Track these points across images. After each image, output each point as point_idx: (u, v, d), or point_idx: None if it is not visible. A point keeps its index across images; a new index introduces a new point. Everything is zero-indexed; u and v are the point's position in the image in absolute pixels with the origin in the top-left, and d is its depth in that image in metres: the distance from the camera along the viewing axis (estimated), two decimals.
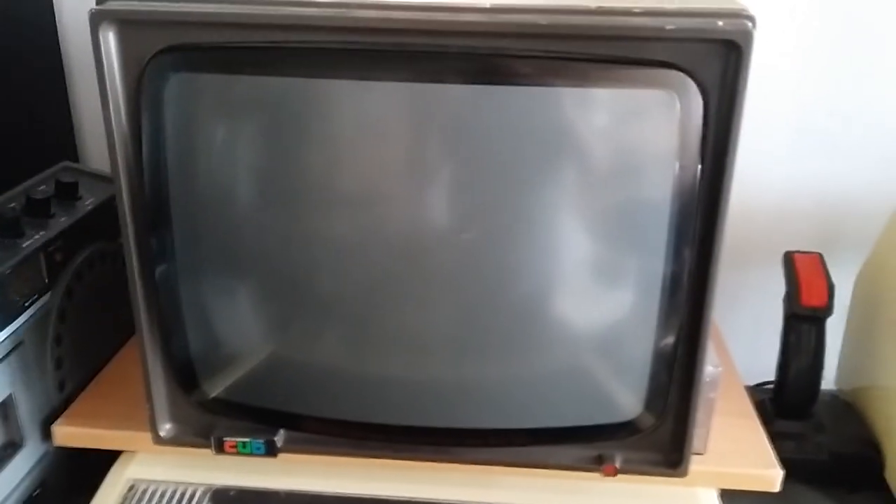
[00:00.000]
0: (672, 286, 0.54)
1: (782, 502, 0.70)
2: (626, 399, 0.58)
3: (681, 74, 0.49)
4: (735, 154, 0.51)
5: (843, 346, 0.82)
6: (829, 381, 0.82)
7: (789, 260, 0.75)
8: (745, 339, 0.80)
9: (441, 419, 0.60)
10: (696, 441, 0.60)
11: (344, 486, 0.63)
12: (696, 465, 0.60)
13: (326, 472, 0.63)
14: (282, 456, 0.61)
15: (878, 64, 0.86)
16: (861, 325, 0.80)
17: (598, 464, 0.59)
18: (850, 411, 0.79)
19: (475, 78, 0.50)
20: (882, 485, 0.72)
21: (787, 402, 0.75)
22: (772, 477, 0.62)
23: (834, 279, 0.75)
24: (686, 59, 0.49)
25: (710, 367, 0.59)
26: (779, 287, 0.75)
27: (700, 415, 0.58)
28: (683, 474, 0.59)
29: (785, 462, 0.70)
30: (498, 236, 0.54)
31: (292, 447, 0.61)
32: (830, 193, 0.91)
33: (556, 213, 0.54)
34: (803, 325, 0.73)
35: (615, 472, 0.59)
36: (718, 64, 0.49)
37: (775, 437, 0.72)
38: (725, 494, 0.65)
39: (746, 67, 0.48)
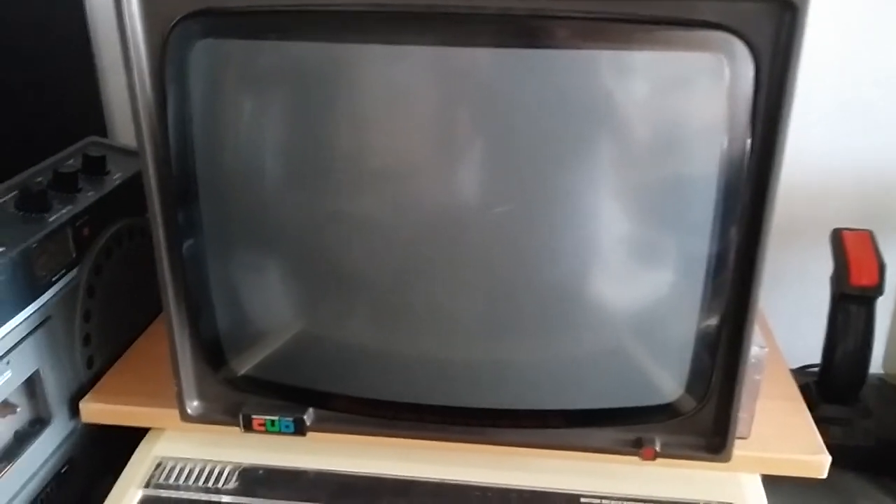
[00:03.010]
0: (717, 266, 0.53)
1: (827, 489, 0.69)
2: (667, 381, 0.57)
3: (731, 36, 0.47)
4: (788, 125, 0.49)
5: (892, 328, 0.80)
6: (876, 364, 0.79)
7: (838, 238, 0.73)
8: (787, 320, 0.78)
9: (474, 399, 0.59)
10: (740, 425, 0.58)
11: (374, 467, 0.63)
12: (739, 449, 0.59)
13: (356, 453, 0.63)
14: (311, 435, 0.61)
15: None
16: None
17: (636, 447, 0.58)
18: None
19: (510, 41, 0.49)
20: None
21: (834, 386, 0.74)
22: (819, 463, 0.60)
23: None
24: (737, 19, 0.47)
25: (756, 347, 0.57)
26: (823, 267, 0.73)
27: (744, 398, 0.57)
28: (727, 459, 0.58)
29: (830, 448, 0.68)
30: (533, 211, 0.53)
31: (321, 426, 0.61)
32: (876, 169, 0.89)
33: (595, 187, 0.52)
34: (852, 305, 0.72)
35: (654, 456, 0.58)
36: (772, 25, 0.47)
37: (820, 422, 0.71)
38: (767, 482, 0.64)
39: (802, 29, 0.46)
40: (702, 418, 0.58)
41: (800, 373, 0.77)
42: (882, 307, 0.75)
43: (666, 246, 0.54)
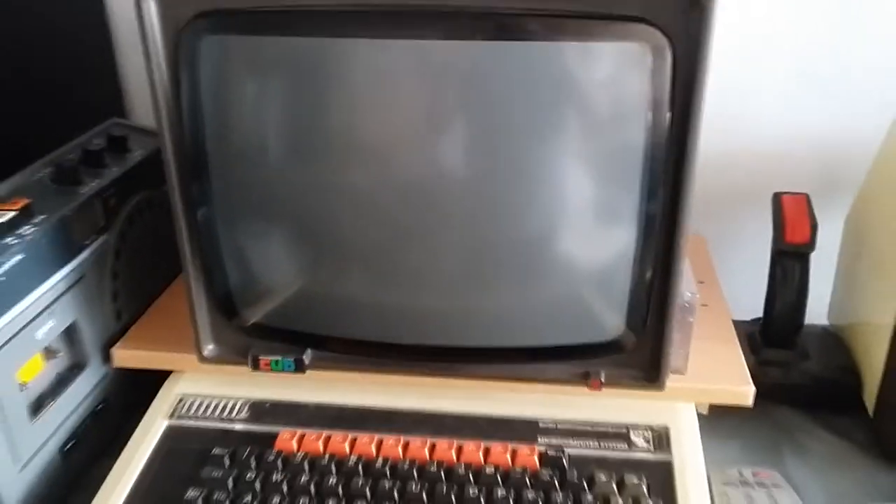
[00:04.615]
0: (648, 222, 0.57)
1: (767, 423, 0.75)
2: (611, 321, 0.61)
3: (651, 28, 0.52)
4: (702, 101, 0.53)
5: (836, 283, 0.85)
6: (822, 316, 0.85)
7: (777, 200, 0.77)
8: (743, 276, 0.83)
9: (448, 339, 0.63)
10: (677, 361, 0.64)
11: (364, 399, 0.67)
12: (676, 382, 0.63)
13: (349, 387, 0.67)
14: (310, 372, 0.65)
15: (877, 6, 0.85)
16: (848, 263, 0.82)
17: (585, 379, 0.63)
18: (837, 344, 0.82)
19: (478, 35, 0.53)
20: (861, 406, 0.75)
21: (774, 332, 0.79)
22: (744, 393, 0.64)
23: (831, 221, 0.77)
24: (656, 13, 0.51)
25: (688, 293, 0.62)
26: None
27: (678, 336, 0.62)
28: (661, 388, 0.63)
29: (771, 387, 0.74)
30: (499, 180, 0.57)
31: (318, 364, 0.66)
32: (828, 138, 0.91)
33: (545, 158, 0.56)
34: (788, 260, 0.76)
35: (600, 387, 0.63)
36: (685, 18, 0.51)
37: (763, 364, 0.76)
38: (713, 417, 0.69)
39: (711, 20, 0.51)
40: (640, 353, 0.62)
41: (752, 323, 0.82)
42: (826, 264, 0.81)
43: (607, 205, 0.58)
